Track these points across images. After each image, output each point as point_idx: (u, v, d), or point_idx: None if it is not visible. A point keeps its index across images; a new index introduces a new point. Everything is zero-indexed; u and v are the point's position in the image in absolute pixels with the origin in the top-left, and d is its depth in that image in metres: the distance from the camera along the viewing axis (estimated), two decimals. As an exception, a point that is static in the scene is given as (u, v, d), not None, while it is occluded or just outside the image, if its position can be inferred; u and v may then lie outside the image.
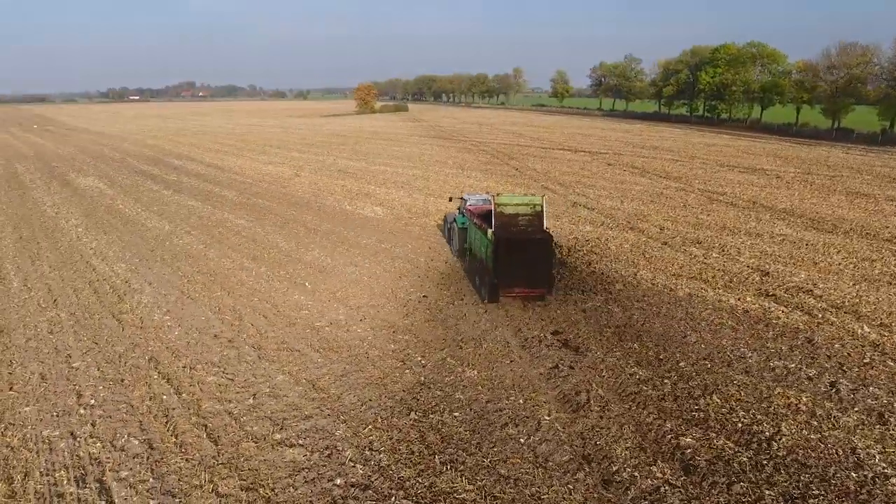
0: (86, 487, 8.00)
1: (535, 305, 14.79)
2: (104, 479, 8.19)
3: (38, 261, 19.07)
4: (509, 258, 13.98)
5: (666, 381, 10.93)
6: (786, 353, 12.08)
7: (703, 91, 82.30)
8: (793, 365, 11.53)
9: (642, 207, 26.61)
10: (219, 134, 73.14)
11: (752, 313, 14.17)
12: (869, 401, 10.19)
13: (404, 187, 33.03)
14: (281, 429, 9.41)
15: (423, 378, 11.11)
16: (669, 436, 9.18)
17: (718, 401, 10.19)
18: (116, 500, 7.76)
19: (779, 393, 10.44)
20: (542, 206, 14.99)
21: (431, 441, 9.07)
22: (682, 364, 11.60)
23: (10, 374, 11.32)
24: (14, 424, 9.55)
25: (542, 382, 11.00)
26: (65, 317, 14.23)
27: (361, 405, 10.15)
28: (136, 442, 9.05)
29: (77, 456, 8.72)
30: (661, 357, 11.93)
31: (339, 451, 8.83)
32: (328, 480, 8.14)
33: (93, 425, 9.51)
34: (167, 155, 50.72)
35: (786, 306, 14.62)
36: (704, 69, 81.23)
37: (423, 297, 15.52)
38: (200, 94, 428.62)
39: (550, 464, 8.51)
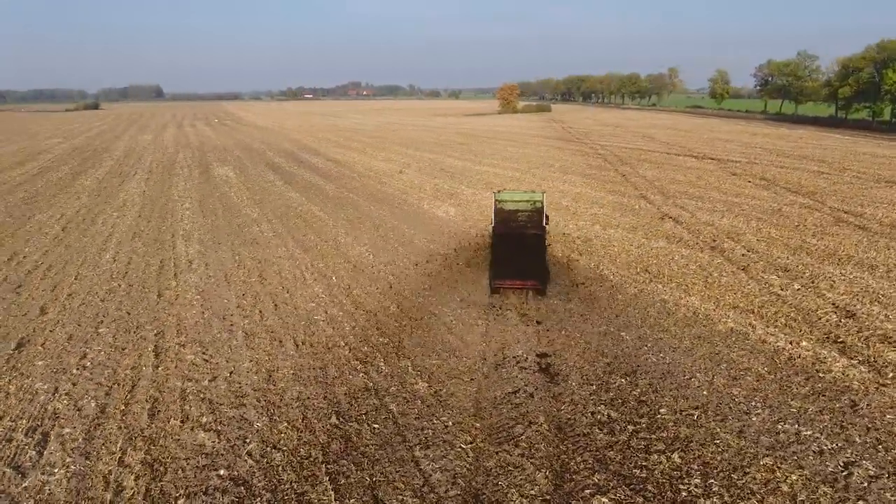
0: (30, 437, 9.12)
1: (545, 324, 13.75)
2: (49, 432, 9.26)
3: (137, 237, 22.10)
4: (504, 252, 14.77)
5: (629, 427, 9.49)
6: (809, 416, 9.79)
7: (890, 92, 69.22)
8: (808, 432, 9.32)
9: (742, 224, 23.27)
10: (359, 131, 78.26)
11: (798, 362, 11.70)
12: (887, 495, 7.88)
13: (493, 188, 32.46)
14: (211, 412, 9.87)
15: (371, 384, 10.91)
16: (588, 490, 7.97)
17: (677, 460, 8.60)
18: (45, 453, 8.72)
19: (765, 464, 8.52)
20: (542, 203, 15.35)
21: (333, 449, 8.89)
22: (662, 410, 9.98)
23: (50, 332, 13.25)
24: (21, 375, 11.21)
25: (490, 407, 10.19)
26: (122, 288, 16.31)
27: (296, 402, 10.26)
28: (94, 404, 10.11)
29: (45, 408, 9.98)
30: (643, 399, 10.38)
31: (245, 443, 9.02)
32: (213, 469, 8.37)
33: (74, 384, 10.82)
34: (301, 149, 55.45)
35: (850, 358, 11.84)
36: (893, 66, 68.24)
37: (425, 293, 15.21)
38: (364, 92, 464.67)
39: (433, 496, 7.87)
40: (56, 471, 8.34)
